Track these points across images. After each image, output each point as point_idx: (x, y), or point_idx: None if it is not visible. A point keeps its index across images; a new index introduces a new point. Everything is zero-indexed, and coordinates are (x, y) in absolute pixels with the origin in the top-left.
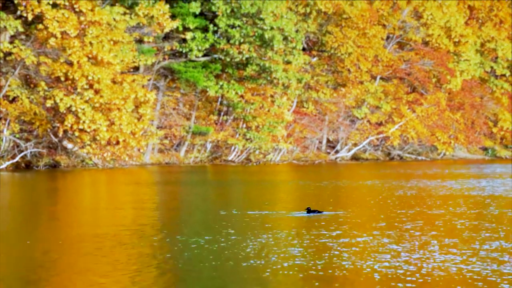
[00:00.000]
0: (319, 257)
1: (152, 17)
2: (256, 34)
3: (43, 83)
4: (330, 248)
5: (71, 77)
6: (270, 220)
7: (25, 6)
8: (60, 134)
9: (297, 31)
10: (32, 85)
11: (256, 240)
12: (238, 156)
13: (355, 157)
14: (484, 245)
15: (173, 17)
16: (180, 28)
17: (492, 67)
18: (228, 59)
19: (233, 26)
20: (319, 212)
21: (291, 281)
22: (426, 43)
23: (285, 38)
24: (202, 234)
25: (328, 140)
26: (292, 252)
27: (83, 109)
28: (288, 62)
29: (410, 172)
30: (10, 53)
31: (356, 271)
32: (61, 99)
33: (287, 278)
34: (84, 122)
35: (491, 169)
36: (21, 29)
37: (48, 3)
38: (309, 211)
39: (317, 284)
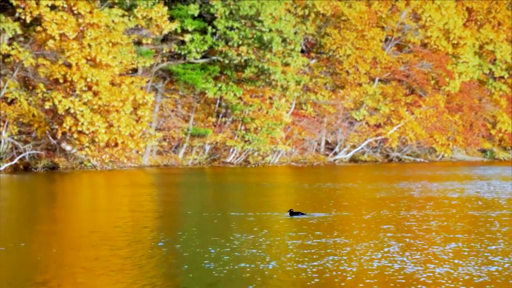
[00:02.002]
0: (281, 258)
1: (151, 19)
2: (255, 36)
3: (41, 85)
4: (291, 250)
5: (69, 79)
6: (247, 222)
7: (24, 8)
8: (59, 136)
9: (295, 33)
10: (30, 87)
11: (219, 242)
12: (237, 158)
13: (353, 159)
14: (443, 247)
15: (171, 19)
16: (179, 30)
17: (490, 69)
18: (226, 61)
19: (231, 28)
20: (302, 214)
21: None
22: (424, 45)
23: (284, 40)
24: (165, 237)
25: (326, 142)
26: (249, 254)
27: (82, 111)
28: (287, 64)
29: (405, 174)
30: (8, 55)
31: (324, 272)
32: (59, 101)
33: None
34: (82, 124)
35: (483, 171)
36: (19, 31)
37: (47, 5)
38: (291, 213)
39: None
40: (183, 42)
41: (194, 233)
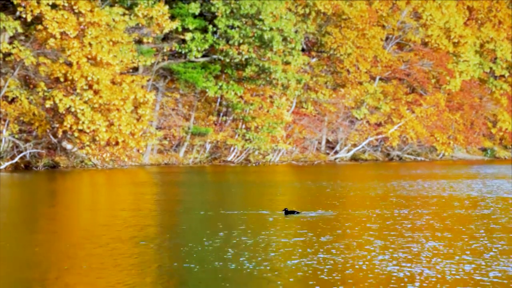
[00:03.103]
0: (260, 257)
1: (152, 17)
2: (256, 34)
3: (42, 84)
4: (272, 248)
5: (70, 77)
6: (238, 220)
7: (25, 7)
8: (60, 134)
9: (296, 31)
10: (31, 86)
11: (204, 240)
12: (237, 156)
13: (354, 158)
14: (423, 245)
15: (172, 17)
16: (180, 29)
17: (491, 68)
18: (227, 60)
19: (232, 27)
20: (297, 212)
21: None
22: (425, 44)
23: (284, 39)
24: (151, 235)
25: (327, 141)
26: (230, 252)
27: (83, 109)
28: (287, 63)
29: (402, 173)
30: (9, 54)
31: (300, 270)
32: (60, 100)
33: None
34: (83, 122)
35: (480, 170)
36: (20, 30)
37: (48, 4)
38: (286, 212)
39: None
40: (183, 41)
41: (181, 232)
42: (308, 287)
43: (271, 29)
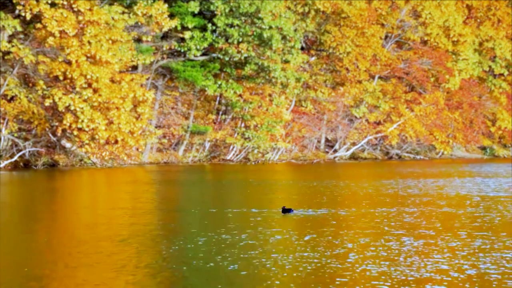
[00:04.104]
0: (237, 256)
1: (151, 16)
2: (255, 33)
3: (41, 82)
4: (249, 247)
5: (69, 76)
6: (226, 219)
7: (24, 6)
8: (59, 133)
9: (295, 30)
10: (30, 84)
11: (184, 240)
12: (237, 155)
13: (353, 157)
14: (401, 244)
15: (171, 16)
16: (179, 27)
17: (490, 66)
18: (226, 58)
19: (231, 25)
20: (292, 210)
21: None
22: (424, 42)
23: (284, 37)
24: (132, 234)
25: (326, 139)
26: (210, 251)
27: (82, 108)
28: (287, 61)
29: (397, 172)
30: (8, 52)
31: (272, 269)
32: (59, 98)
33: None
34: (82, 121)
35: (475, 168)
36: (19, 28)
37: (47, 2)
38: (284, 210)
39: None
40: (183, 40)
41: (165, 231)
42: (283, 285)
43: (270, 27)
